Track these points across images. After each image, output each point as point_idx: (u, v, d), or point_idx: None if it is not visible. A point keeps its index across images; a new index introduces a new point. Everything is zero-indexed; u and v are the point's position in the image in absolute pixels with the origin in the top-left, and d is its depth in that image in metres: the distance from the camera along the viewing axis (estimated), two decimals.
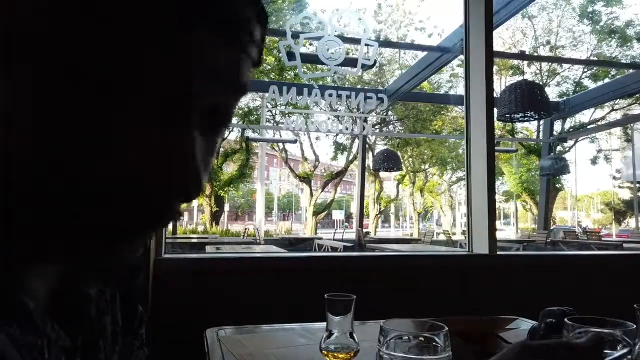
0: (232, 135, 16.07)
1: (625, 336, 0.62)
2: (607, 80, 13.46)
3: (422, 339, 0.63)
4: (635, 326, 0.64)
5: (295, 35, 3.49)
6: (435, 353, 0.62)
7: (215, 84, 0.30)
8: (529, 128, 18.04)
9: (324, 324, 1.25)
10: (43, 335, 0.30)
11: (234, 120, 13.32)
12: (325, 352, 0.79)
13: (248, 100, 13.15)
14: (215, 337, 1.04)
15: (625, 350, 0.60)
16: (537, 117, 6.50)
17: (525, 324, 1.18)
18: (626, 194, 25.12)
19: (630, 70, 10.90)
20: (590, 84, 15.40)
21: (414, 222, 22.55)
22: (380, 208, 20.55)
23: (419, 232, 17.83)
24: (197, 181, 0.29)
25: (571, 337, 0.63)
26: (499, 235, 14.30)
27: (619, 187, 25.29)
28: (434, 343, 0.62)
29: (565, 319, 0.75)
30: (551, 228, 13.47)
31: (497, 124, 11.43)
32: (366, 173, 14.30)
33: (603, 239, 12.50)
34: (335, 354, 0.77)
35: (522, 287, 2.09)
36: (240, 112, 14.03)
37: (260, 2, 0.32)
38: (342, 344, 0.79)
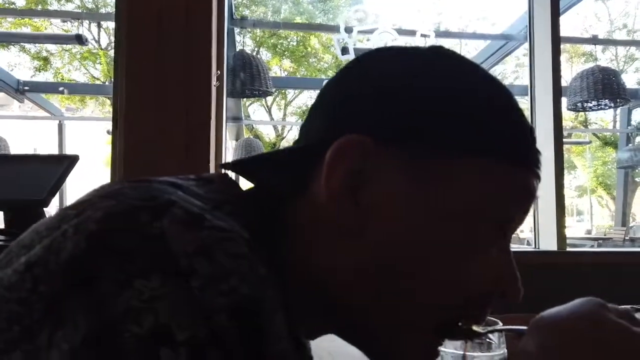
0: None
1: None
2: None
3: None
4: None
5: (349, 30, 3.47)
6: (489, 350, 0.59)
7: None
8: (604, 118, 16.87)
9: None
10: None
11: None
12: None
13: (306, 99, 13.25)
14: None
15: None
16: (612, 105, 6.00)
17: None
18: None
19: None
20: None
21: None
22: None
23: None
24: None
25: None
26: (572, 232, 13.50)
27: None
28: (487, 339, 0.59)
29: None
30: (630, 225, 12.50)
31: (569, 114, 10.75)
32: None
33: None
34: None
35: (595, 286, 1.94)
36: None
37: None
38: None
